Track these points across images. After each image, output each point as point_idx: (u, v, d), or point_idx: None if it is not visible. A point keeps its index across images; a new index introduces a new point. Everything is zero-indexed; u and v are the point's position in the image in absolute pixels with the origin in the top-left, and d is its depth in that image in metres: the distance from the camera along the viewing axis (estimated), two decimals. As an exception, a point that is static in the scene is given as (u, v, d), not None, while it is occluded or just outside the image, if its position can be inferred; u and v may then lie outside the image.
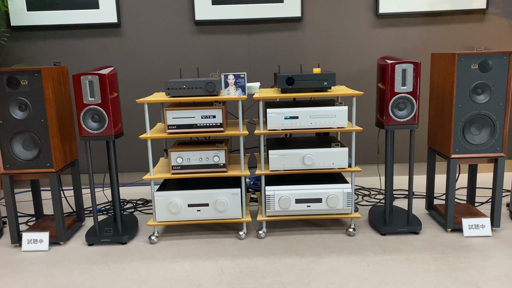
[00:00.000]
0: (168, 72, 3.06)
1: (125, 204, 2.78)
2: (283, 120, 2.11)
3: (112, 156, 2.19)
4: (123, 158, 3.18)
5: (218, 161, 2.15)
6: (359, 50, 3.03)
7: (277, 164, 2.15)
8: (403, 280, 1.77)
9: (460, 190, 2.83)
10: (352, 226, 2.20)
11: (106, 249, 2.14)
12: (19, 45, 3.01)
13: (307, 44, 3.02)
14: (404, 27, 3.00)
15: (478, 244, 2.05)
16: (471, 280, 1.76)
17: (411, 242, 2.10)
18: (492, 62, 2.02)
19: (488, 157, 2.11)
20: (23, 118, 2.06)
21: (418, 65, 2.01)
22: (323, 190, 2.15)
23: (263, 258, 2.00)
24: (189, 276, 1.87)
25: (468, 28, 3.00)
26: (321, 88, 2.16)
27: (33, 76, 2.03)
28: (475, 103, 2.06)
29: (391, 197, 2.25)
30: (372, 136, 3.16)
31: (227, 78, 2.11)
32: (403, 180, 3.11)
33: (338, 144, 2.16)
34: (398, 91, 2.04)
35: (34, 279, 1.88)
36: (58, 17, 2.95)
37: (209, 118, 2.11)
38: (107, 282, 1.84)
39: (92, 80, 2.01)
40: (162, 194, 2.16)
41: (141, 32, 3.00)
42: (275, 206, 2.15)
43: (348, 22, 2.99)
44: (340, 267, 1.89)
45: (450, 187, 2.14)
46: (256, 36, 3.01)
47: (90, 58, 3.03)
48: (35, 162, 2.10)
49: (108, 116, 2.04)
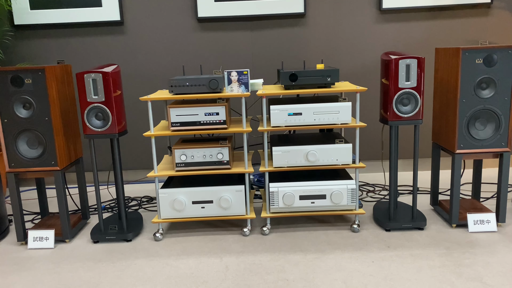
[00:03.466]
0: (171, 69, 3.06)
1: (129, 201, 2.79)
2: (287, 116, 2.11)
3: (116, 154, 2.20)
4: (127, 156, 3.19)
5: (222, 158, 2.15)
6: (362, 46, 3.02)
7: (281, 161, 2.15)
8: (407, 276, 1.77)
9: (465, 186, 2.82)
10: (357, 222, 2.20)
11: (111, 246, 2.15)
12: (22, 44, 3.02)
13: (310, 40, 3.01)
14: (408, 22, 2.98)
15: (483, 239, 2.05)
16: (476, 275, 1.75)
17: (416, 238, 2.09)
18: (497, 56, 2.00)
19: (493, 152, 2.10)
20: (27, 117, 2.07)
21: (422, 60, 2.00)
22: (327, 187, 2.14)
23: (267, 254, 2.00)
24: (193, 273, 1.87)
25: (472, 23, 2.98)
26: (324, 84, 2.15)
27: (37, 75, 2.04)
28: (480, 98, 2.05)
29: (396, 193, 2.25)
30: (376, 132, 3.15)
31: (230, 75, 2.11)
32: (407, 176, 3.10)
33: (342, 140, 2.15)
34: (402, 87, 2.03)
35: (40, 277, 1.89)
36: (61, 16, 2.95)
37: (212, 115, 2.11)
38: (112, 279, 1.84)
39: (96, 78, 2.01)
40: (167, 192, 2.16)
41: (144, 30, 3.00)
42: (279, 203, 2.15)
43: (351, 17, 2.98)
44: (344, 263, 1.89)
45: (455, 182, 2.13)
46: (259, 32, 3.00)
47: (93, 56, 3.04)
48: (40, 161, 2.11)
49: (112, 114, 2.04)
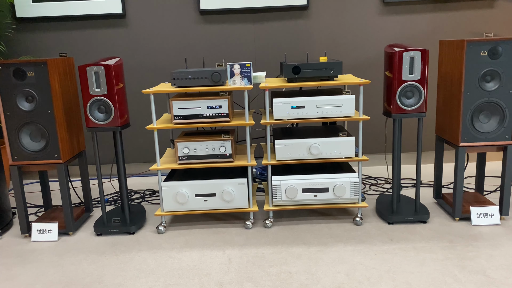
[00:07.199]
0: (174, 62, 3.05)
1: (132, 194, 2.80)
2: (290, 109, 2.10)
3: (119, 147, 2.20)
4: (130, 149, 3.19)
5: (225, 151, 2.14)
6: (366, 38, 3.00)
7: (284, 154, 2.14)
8: (410, 269, 1.77)
9: (469, 179, 2.81)
10: (359, 216, 2.20)
11: (114, 239, 2.16)
12: (24, 37, 3.01)
13: (313, 32, 2.99)
14: (412, 14, 2.96)
15: (487, 232, 2.04)
16: (479, 268, 1.75)
17: (419, 231, 2.09)
18: (502, 48, 1.99)
19: (497, 145, 2.09)
20: (30, 110, 2.07)
21: (426, 52, 1.99)
22: (330, 180, 2.14)
23: (270, 247, 2.00)
24: (196, 265, 1.88)
25: (477, 15, 2.95)
26: (327, 77, 2.14)
27: (39, 68, 2.03)
28: (484, 90, 2.03)
29: (399, 186, 2.24)
30: (380, 125, 3.14)
31: (233, 68, 2.10)
32: (410, 169, 3.09)
33: (345, 133, 2.15)
34: (406, 79, 2.01)
35: (44, 269, 1.90)
36: (63, 8, 2.94)
37: (215, 108, 2.10)
38: (115, 272, 1.85)
39: (98, 71, 2.01)
40: (169, 185, 2.16)
41: (146, 22, 2.99)
42: (282, 196, 2.15)
43: (354, 9, 2.96)
44: (347, 256, 1.89)
45: (458, 175, 2.13)
46: (261, 25, 2.99)
47: (95, 49, 3.03)
48: (42, 153, 2.11)
49: (114, 107, 2.04)
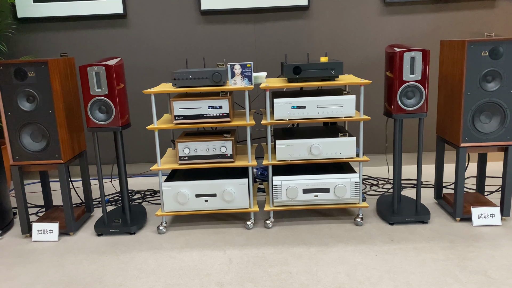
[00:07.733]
0: (175, 62, 3.05)
1: (133, 194, 2.80)
2: (290, 110, 2.10)
3: (120, 147, 2.20)
4: (130, 149, 3.19)
5: (225, 152, 2.14)
6: (367, 38, 2.99)
7: (284, 154, 2.14)
8: (411, 269, 1.77)
9: (469, 179, 2.81)
10: (360, 216, 2.20)
11: (115, 239, 2.16)
12: (25, 37, 3.01)
13: (314, 32, 2.99)
14: (413, 15, 2.96)
15: (488, 233, 2.04)
16: (480, 269, 1.75)
17: (420, 232, 2.09)
18: (503, 49, 1.98)
19: (498, 145, 2.09)
20: (31, 110, 2.07)
21: (427, 53, 1.98)
22: (330, 180, 2.14)
23: (270, 247, 2.00)
24: (197, 265, 1.88)
25: (478, 15, 2.95)
26: (328, 77, 2.14)
27: (40, 68, 2.03)
28: (485, 91, 2.03)
29: (399, 187, 2.24)
30: (380, 126, 3.14)
31: (234, 68, 2.10)
32: (411, 169, 3.09)
33: (345, 133, 2.15)
34: (407, 80, 2.01)
35: (44, 269, 1.90)
36: (64, 9, 2.94)
37: (215, 109, 2.10)
38: (116, 272, 1.85)
39: (99, 71, 2.01)
40: (170, 185, 2.16)
41: (147, 23, 2.99)
42: (283, 196, 2.15)
43: (355, 10, 2.96)
44: (348, 256, 1.89)
45: (459, 176, 2.12)
46: (262, 25, 2.99)
47: (96, 49, 3.03)
48: (43, 154, 2.11)
49: (115, 107, 2.04)
